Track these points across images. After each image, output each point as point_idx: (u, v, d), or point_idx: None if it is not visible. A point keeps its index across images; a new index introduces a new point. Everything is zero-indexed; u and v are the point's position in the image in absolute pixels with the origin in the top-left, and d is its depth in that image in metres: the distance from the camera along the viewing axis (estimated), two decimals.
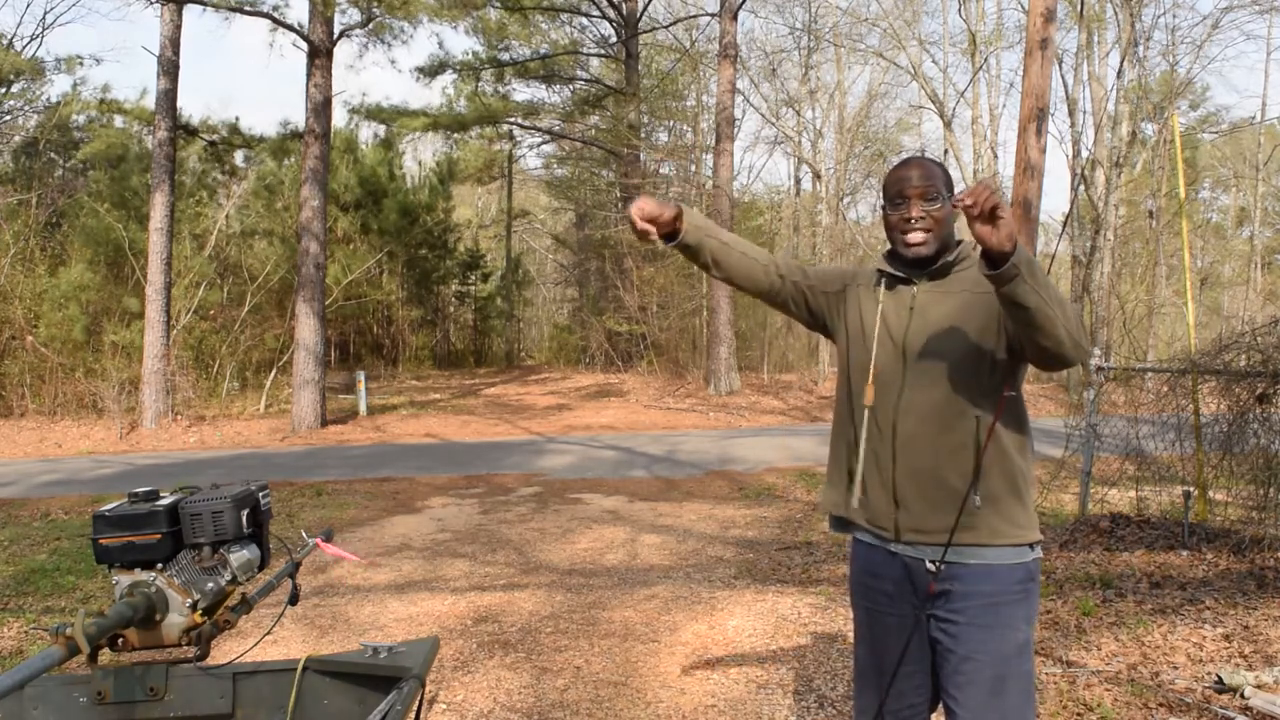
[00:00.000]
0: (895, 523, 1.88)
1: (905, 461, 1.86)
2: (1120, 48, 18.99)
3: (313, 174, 13.93)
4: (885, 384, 1.91)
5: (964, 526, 1.80)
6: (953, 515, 1.81)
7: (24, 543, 6.66)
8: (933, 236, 1.87)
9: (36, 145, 21.31)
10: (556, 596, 5.04)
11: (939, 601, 1.85)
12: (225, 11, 14.29)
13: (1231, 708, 3.23)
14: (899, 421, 1.88)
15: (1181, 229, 6.95)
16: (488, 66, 21.76)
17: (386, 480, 9.48)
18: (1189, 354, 5.89)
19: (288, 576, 1.87)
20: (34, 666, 1.18)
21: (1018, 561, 1.84)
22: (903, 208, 1.88)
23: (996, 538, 1.81)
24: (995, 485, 1.82)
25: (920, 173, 1.88)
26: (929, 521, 1.84)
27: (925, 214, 1.86)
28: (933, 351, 1.87)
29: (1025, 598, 1.85)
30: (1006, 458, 1.84)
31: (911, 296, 1.93)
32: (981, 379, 1.83)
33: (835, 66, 23.95)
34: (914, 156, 1.95)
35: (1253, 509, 5.29)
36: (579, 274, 27.59)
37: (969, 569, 1.82)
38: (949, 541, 1.80)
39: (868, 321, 1.98)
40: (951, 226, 1.93)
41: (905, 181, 1.87)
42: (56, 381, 15.70)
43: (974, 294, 1.87)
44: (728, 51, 16.87)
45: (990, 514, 1.81)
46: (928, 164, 1.90)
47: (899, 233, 1.90)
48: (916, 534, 1.86)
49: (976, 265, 1.77)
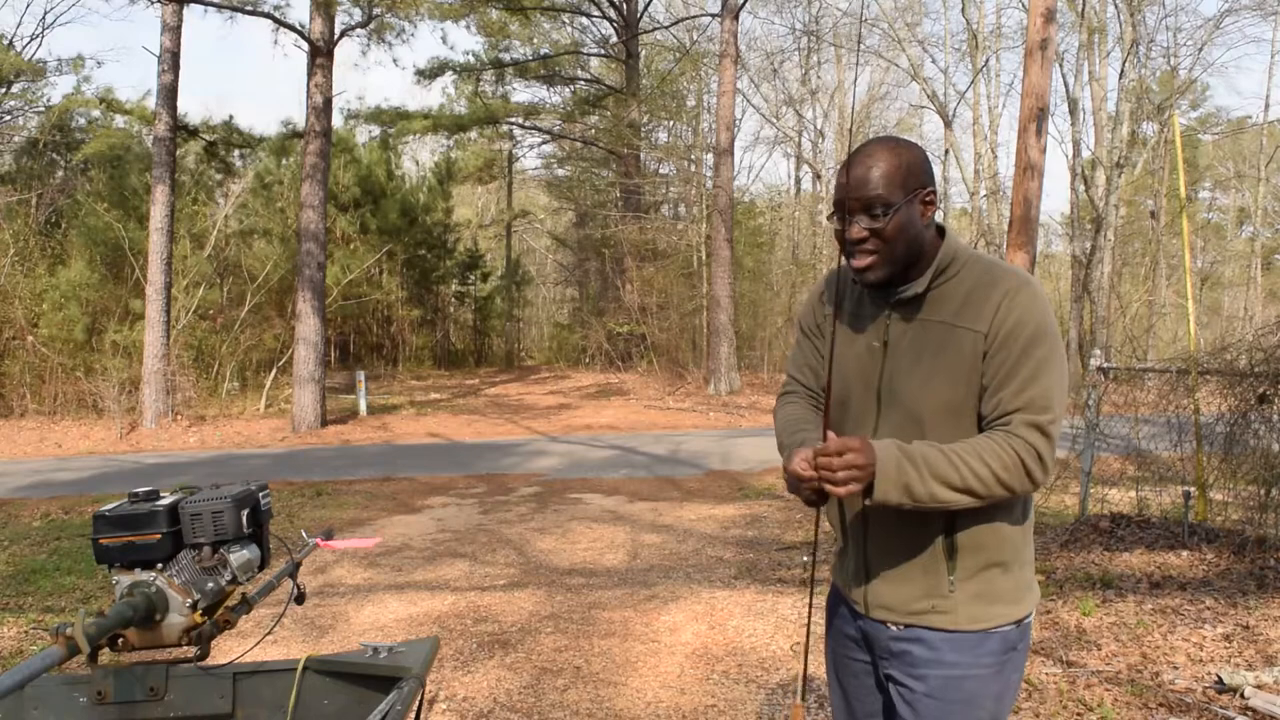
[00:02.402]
0: (864, 597, 1.63)
1: (877, 530, 1.59)
2: (1122, 48, 19.00)
3: (313, 173, 13.93)
4: (852, 432, 1.61)
5: (937, 610, 1.54)
6: (925, 597, 1.55)
7: (24, 543, 6.66)
8: (881, 260, 1.48)
9: (37, 145, 21.31)
10: (556, 596, 5.04)
11: (898, 661, 1.60)
12: (227, 11, 14.29)
13: (1231, 708, 3.23)
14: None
15: (1182, 229, 6.95)
16: (488, 67, 21.76)
17: (387, 480, 9.48)
18: (1190, 354, 5.89)
19: (288, 576, 1.87)
20: (34, 666, 1.18)
21: (994, 632, 1.55)
22: (846, 223, 1.50)
23: (975, 623, 1.53)
24: (978, 560, 1.53)
25: (863, 175, 1.46)
26: (898, 600, 1.58)
27: (869, 233, 1.47)
28: (907, 399, 1.54)
29: (999, 671, 1.55)
30: (995, 526, 1.53)
31: (885, 327, 1.58)
32: (960, 434, 1.49)
33: (835, 67, 23.96)
34: (867, 146, 1.51)
35: (1253, 509, 5.29)
36: (579, 274, 27.59)
37: (935, 636, 1.55)
38: (916, 625, 1.57)
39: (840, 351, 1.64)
40: (918, 229, 1.50)
41: (846, 189, 1.49)
42: (57, 381, 15.70)
43: (954, 326, 1.50)
44: (728, 51, 16.87)
45: (969, 597, 1.53)
46: (877, 160, 1.47)
47: (844, 252, 1.53)
48: (885, 611, 1.60)
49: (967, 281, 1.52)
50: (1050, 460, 1.43)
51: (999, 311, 1.46)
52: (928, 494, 1.39)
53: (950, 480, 1.39)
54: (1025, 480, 1.42)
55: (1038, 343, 1.45)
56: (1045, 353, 1.46)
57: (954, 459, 1.40)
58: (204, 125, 17.32)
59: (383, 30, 15.01)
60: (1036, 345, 1.45)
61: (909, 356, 1.54)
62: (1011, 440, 1.42)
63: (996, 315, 1.46)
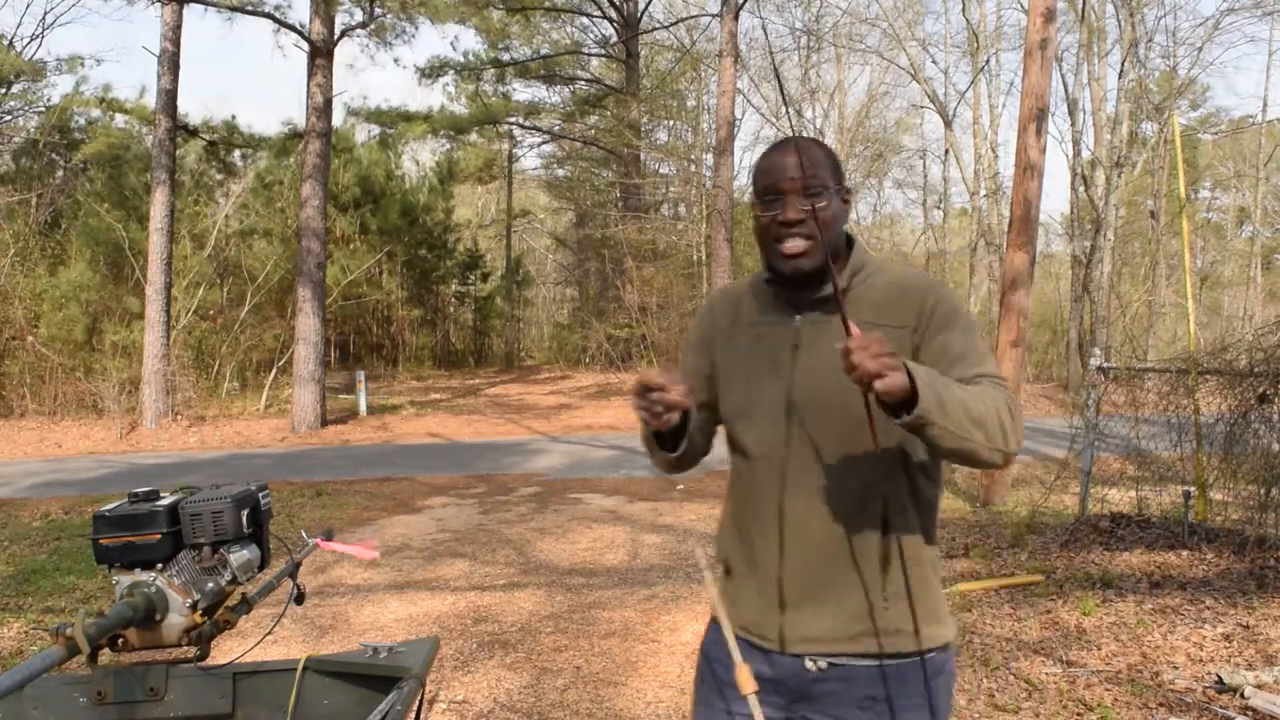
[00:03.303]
0: (780, 630, 1.46)
1: (798, 546, 1.44)
2: (1121, 48, 19.00)
3: (314, 173, 13.93)
4: (766, 449, 1.47)
5: (869, 632, 1.42)
6: (854, 622, 1.42)
7: (24, 543, 6.66)
8: (816, 245, 1.41)
9: (36, 145, 21.30)
10: (556, 596, 5.04)
11: (813, 704, 1.46)
12: (227, 11, 14.29)
13: (1231, 708, 3.23)
14: (786, 502, 1.45)
15: (1182, 229, 6.96)
16: (488, 67, 21.76)
17: (387, 480, 9.48)
18: (1190, 354, 5.89)
19: (288, 576, 1.87)
20: (34, 666, 1.18)
21: (922, 660, 1.44)
22: (776, 206, 1.43)
23: (911, 644, 1.42)
24: (908, 576, 1.43)
25: (798, 159, 1.42)
26: (825, 628, 1.43)
27: (807, 214, 1.41)
28: (825, 408, 1.42)
29: (926, 706, 1.43)
30: (922, 539, 1.46)
31: (795, 331, 1.48)
32: (888, 444, 1.41)
33: (835, 66, 23.96)
34: (790, 138, 1.48)
35: (1253, 509, 5.29)
36: (579, 274, 27.58)
37: (862, 670, 1.42)
38: (846, 653, 1.43)
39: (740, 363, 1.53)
40: (841, 226, 1.48)
41: (778, 172, 1.42)
42: (57, 381, 15.69)
43: (876, 325, 1.42)
44: (728, 51, 16.86)
45: (900, 615, 1.42)
46: (809, 147, 1.45)
47: (773, 240, 1.44)
48: (808, 644, 1.44)
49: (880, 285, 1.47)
50: (1017, 413, 1.35)
51: (925, 306, 1.43)
52: (957, 407, 1.23)
53: (969, 403, 1.25)
54: (1010, 424, 1.31)
55: (970, 327, 1.45)
56: (979, 335, 1.46)
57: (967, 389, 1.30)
58: (204, 125, 17.31)
59: (383, 31, 15.01)
60: (970, 330, 1.44)
61: (827, 362, 1.38)
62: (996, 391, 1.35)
63: (923, 310, 1.43)
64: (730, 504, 1.60)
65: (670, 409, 1.34)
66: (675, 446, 1.52)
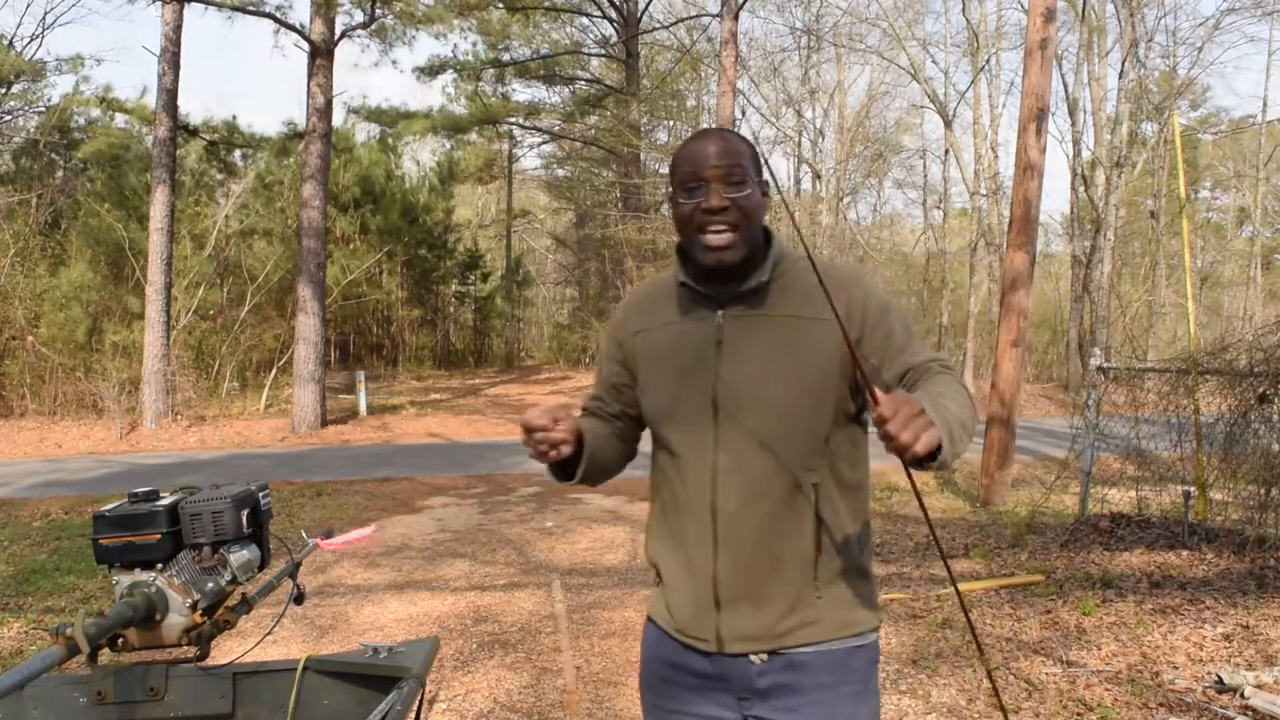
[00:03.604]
0: (717, 631, 1.44)
1: (731, 545, 1.42)
2: (1122, 48, 19.01)
3: (314, 173, 13.93)
4: (694, 448, 1.45)
5: (805, 623, 1.42)
6: (789, 615, 1.42)
7: (24, 543, 6.66)
8: (739, 237, 1.39)
9: (37, 145, 21.30)
10: (557, 596, 5.04)
11: (764, 701, 1.45)
12: (228, 11, 14.29)
13: (1231, 708, 3.23)
14: (719, 499, 1.42)
15: (1182, 229, 6.96)
16: (488, 66, 21.75)
17: (387, 480, 9.48)
18: (1190, 354, 5.89)
19: (288, 576, 1.87)
20: (34, 666, 1.18)
21: (860, 645, 1.46)
22: (699, 194, 1.38)
23: (843, 629, 1.44)
24: (839, 564, 1.44)
25: (721, 148, 1.38)
26: (761, 624, 1.42)
27: (730, 203, 1.37)
28: (753, 402, 1.40)
29: (867, 688, 1.47)
30: (854, 526, 1.46)
31: (717, 327, 1.45)
32: (818, 434, 1.41)
33: (835, 66, 23.95)
34: (713, 128, 1.46)
35: (1253, 509, 5.29)
36: (579, 274, 27.58)
37: (804, 656, 1.43)
38: (784, 646, 1.43)
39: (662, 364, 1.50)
40: (762, 218, 1.44)
41: (701, 160, 1.38)
42: (57, 381, 15.69)
43: (802, 319, 1.42)
44: (728, 51, 16.86)
45: (835, 603, 1.43)
46: (730, 137, 1.42)
47: (696, 230, 1.39)
48: (746, 642, 1.43)
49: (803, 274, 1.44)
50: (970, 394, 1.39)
51: (853, 299, 1.42)
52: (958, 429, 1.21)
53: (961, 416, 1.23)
54: (973, 408, 1.33)
55: (901, 314, 1.47)
56: (911, 323, 1.48)
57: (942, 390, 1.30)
58: (205, 125, 17.31)
59: (383, 31, 15.01)
60: (902, 317, 1.46)
61: (754, 356, 1.42)
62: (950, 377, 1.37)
63: (852, 302, 1.41)
64: (657, 504, 1.57)
65: (556, 445, 1.35)
66: (572, 474, 1.51)
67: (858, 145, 23.92)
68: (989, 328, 19.60)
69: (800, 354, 1.41)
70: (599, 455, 1.54)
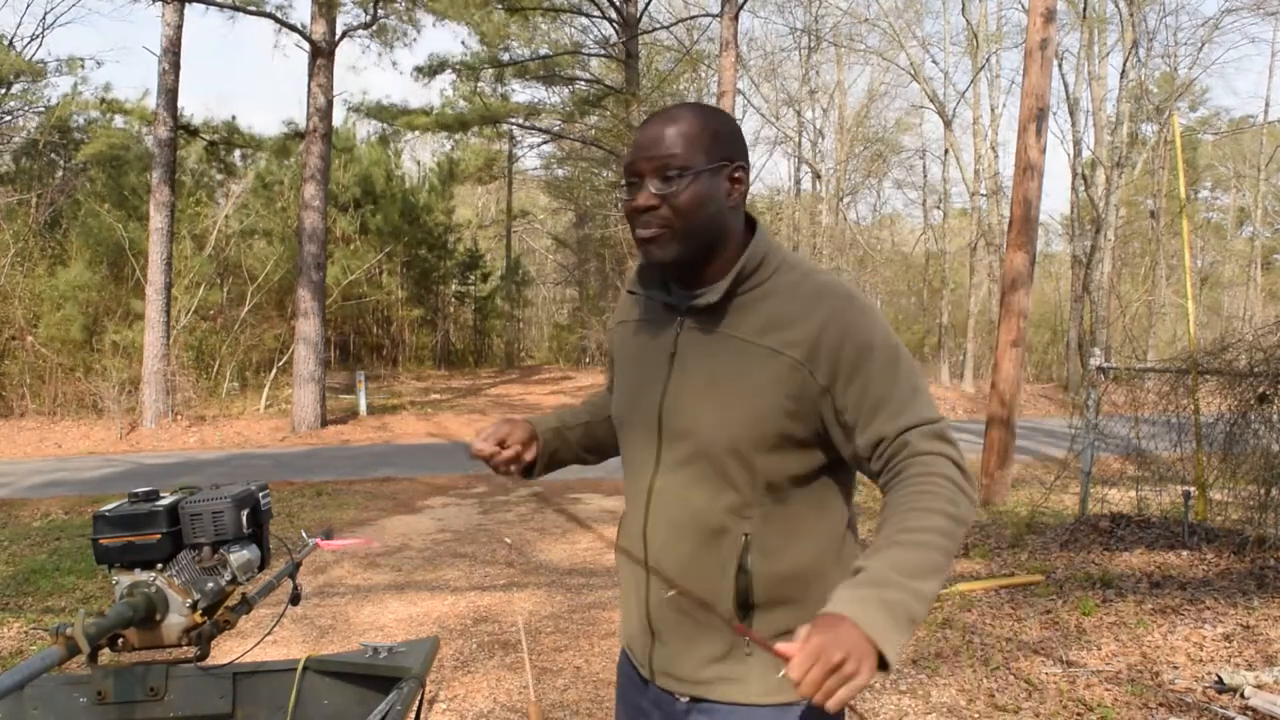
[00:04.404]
0: (650, 661, 1.35)
1: (657, 583, 1.32)
2: (1122, 48, 19.01)
3: (315, 174, 13.93)
4: (638, 464, 1.34)
5: (727, 678, 1.27)
6: (715, 664, 1.28)
7: (24, 543, 6.66)
8: (671, 235, 1.21)
9: (36, 146, 21.30)
10: (556, 596, 5.05)
11: None
12: (228, 11, 14.30)
13: (1231, 708, 3.23)
14: (650, 527, 1.31)
15: (1182, 229, 6.96)
16: (487, 66, 21.74)
17: (387, 480, 9.48)
18: (1190, 354, 5.89)
19: (288, 576, 1.87)
20: (34, 666, 1.18)
21: (793, 705, 1.27)
22: (635, 190, 1.23)
23: (774, 695, 1.24)
24: (781, 622, 1.24)
25: (657, 135, 1.21)
26: (685, 667, 1.30)
27: (659, 200, 1.20)
28: (689, 429, 1.25)
29: None
30: (794, 584, 1.26)
31: (674, 338, 1.30)
32: (754, 480, 1.22)
33: (835, 66, 23.96)
34: (668, 109, 1.26)
35: (1253, 509, 5.29)
36: (579, 274, 27.59)
37: (726, 711, 1.28)
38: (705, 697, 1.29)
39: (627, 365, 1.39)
40: (720, 207, 1.23)
41: (639, 149, 1.22)
42: (56, 381, 15.69)
43: (753, 346, 1.22)
44: (728, 51, 16.87)
45: (769, 665, 1.21)
46: (680, 118, 1.22)
47: (631, 226, 1.25)
48: (670, 680, 1.33)
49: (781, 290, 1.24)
50: (967, 465, 1.17)
51: (824, 340, 1.18)
52: (927, 600, 1.04)
53: (925, 566, 1.05)
54: (965, 499, 1.12)
55: (894, 359, 1.20)
56: (905, 367, 1.20)
57: (915, 535, 1.07)
58: (205, 125, 17.30)
59: (384, 32, 15.01)
60: (894, 362, 1.19)
61: (701, 377, 1.25)
62: (929, 465, 1.13)
63: (820, 345, 1.18)
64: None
65: (510, 463, 1.39)
66: (534, 475, 1.51)
67: (858, 145, 23.93)
68: (989, 328, 19.61)
69: (738, 387, 1.22)
70: (580, 444, 1.54)
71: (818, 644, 0.94)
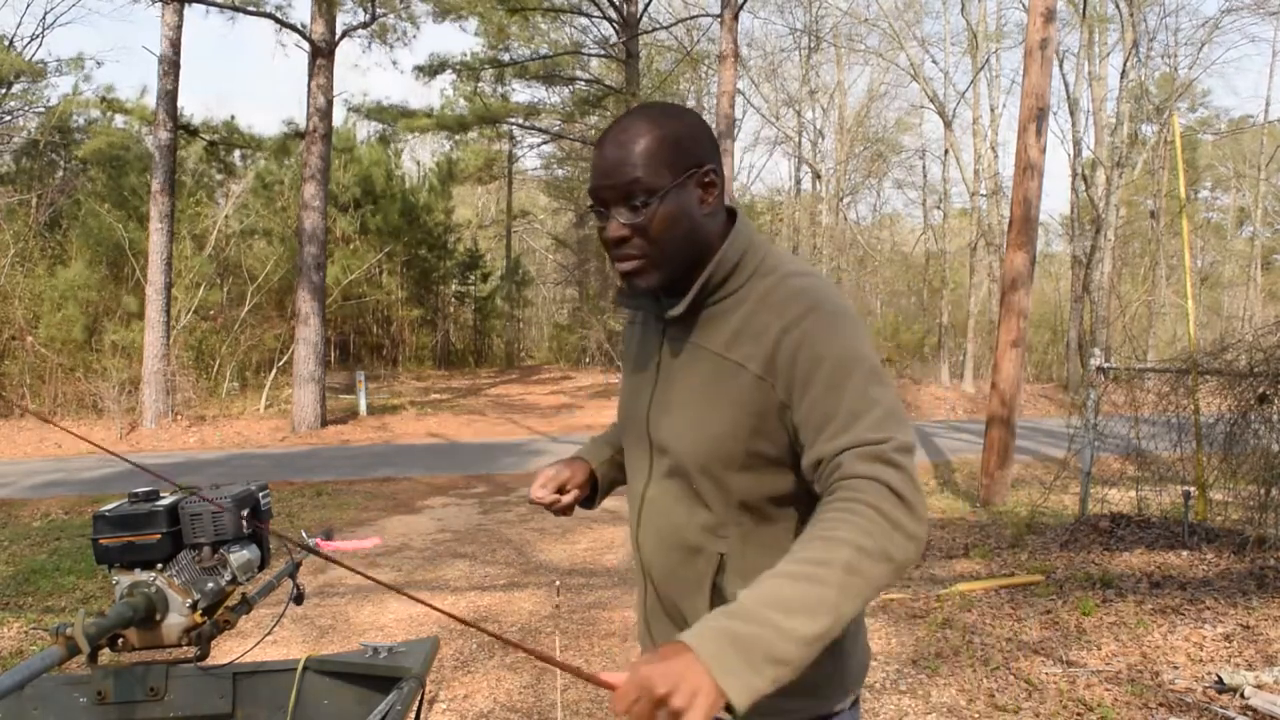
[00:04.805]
0: None
1: (651, 590, 1.31)
2: (1123, 48, 19.01)
3: (315, 174, 13.93)
4: (635, 470, 1.32)
5: None
6: None
7: (24, 543, 6.66)
8: (649, 264, 1.15)
9: (37, 145, 21.31)
10: (557, 596, 5.04)
11: None
12: (228, 11, 14.29)
13: (1231, 708, 3.23)
14: (642, 534, 1.29)
15: (1182, 229, 6.96)
16: (488, 67, 21.75)
17: (387, 480, 9.48)
18: (1190, 354, 5.89)
19: (288, 576, 1.87)
20: (34, 666, 1.18)
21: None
22: (604, 217, 1.16)
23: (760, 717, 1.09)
24: None
25: (614, 160, 1.12)
26: None
27: (630, 231, 1.13)
28: (670, 441, 1.22)
29: None
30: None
31: (660, 345, 1.27)
32: (728, 498, 1.17)
33: (835, 67, 23.96)
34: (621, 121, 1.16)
35: (1253, 509, 5.29)
36: (579, 274, 27.60)
37: None
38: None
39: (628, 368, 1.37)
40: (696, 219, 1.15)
41: (598, 175, 1.14)
42: (56, 381, 15.70)
43: (723, 360, 1.16)
44: (728, 51, 16.87)
45: None
46: (635, 132, 1.13)
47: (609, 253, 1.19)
48: None
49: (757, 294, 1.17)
50: (916, 499, 1.00)
51: (780, 350, 1.11)
52: (801, 640, 0.89)
53: (807, 601, 0.91)
54: (896, 535, 0.97)
55: (846, 370, 1.08)
56: (859, 379, 1.07)
57: (805, 568, 0.94)
58: (205, 126, 17.30)
59: (384, 31, 15.01)
60: (846, 375, 1.07)
61: (677, 391, 1.21)
62: (855, 490, 0.99)
63: (779, 355, 1.11)
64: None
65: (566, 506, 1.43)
66: (593, 506, 1.56)
67: (858, 145, 23.94)
68: (989, 328, 19.60)
69: (707, 403, 1.17)
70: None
71: (645, 675, 0.85)
